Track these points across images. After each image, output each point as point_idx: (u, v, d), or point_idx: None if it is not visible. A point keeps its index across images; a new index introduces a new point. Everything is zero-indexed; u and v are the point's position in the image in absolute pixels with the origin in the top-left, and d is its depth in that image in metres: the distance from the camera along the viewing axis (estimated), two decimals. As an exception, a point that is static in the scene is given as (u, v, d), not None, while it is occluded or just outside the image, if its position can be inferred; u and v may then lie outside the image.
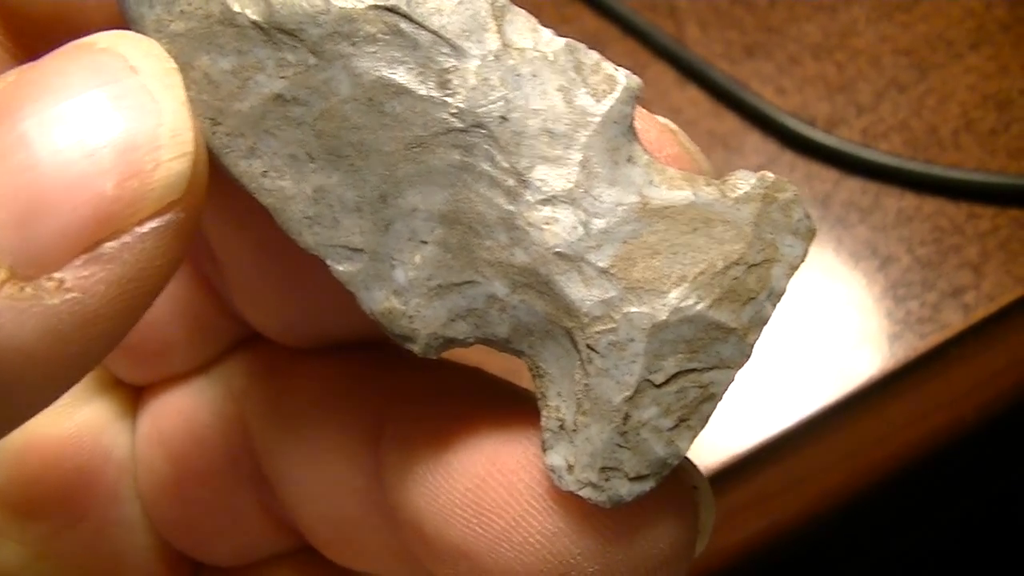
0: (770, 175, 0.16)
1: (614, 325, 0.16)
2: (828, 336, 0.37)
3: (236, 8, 0.16)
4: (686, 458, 0.17)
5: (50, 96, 0.14)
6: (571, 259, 0.16)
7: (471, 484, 0.18)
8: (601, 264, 0.16)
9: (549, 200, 0.16)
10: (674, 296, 0.16)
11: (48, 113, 0.13)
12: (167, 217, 0.14)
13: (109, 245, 0.13)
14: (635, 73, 0.16)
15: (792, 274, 0.17)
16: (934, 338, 0.36)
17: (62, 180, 0.13)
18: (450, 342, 0.17)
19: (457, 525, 0.18)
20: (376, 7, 0.16)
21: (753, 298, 0.16)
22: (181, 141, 0.14)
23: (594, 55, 0.16)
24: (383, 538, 0.20)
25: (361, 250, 0.17)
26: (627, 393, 0.16)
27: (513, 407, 0.18)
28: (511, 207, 0.16)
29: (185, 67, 0.16)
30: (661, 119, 0.19)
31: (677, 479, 0.17)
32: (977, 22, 0.42)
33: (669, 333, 0.16)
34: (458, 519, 0.18)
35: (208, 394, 0.22)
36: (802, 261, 0.17)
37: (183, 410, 0.22)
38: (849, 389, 0.36)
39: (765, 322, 0.17)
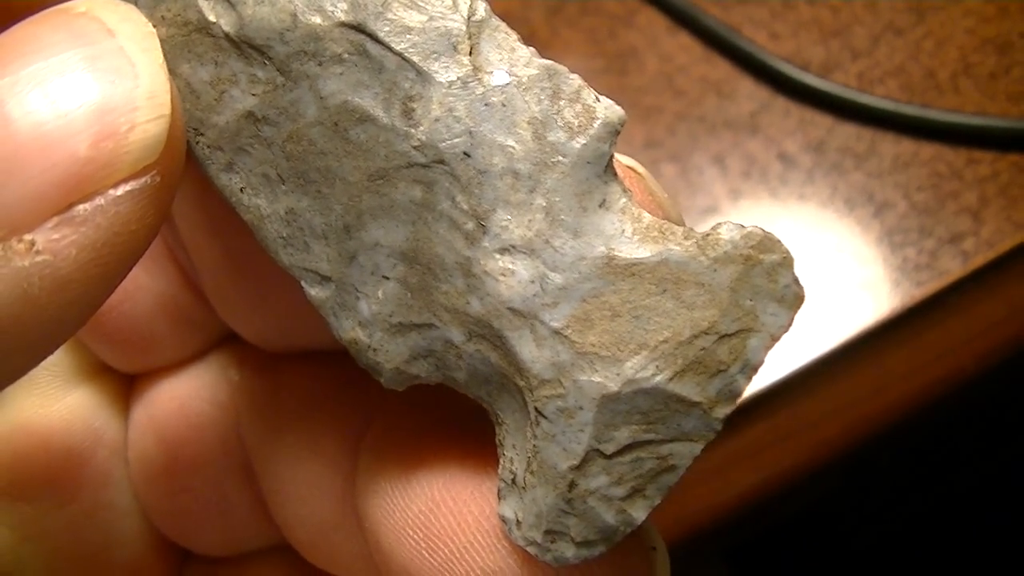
0: (758, 232, 0.15)
1: (563, 391, 0.15)
2: (822, 284, 0.36)
3: (211, 18, 0.15)
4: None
5: (24, 58, 0.13)
6: (524, 316, 0.15)
7: (425, 507, 0.17)
8: (555, 324, 0.15)
9: (507, 249, 0.15)
10: (630, 366, 0.15)
11: (22, 74, 0.13)
12: (142, 180, 0.14)
13: (82, 207, 0.13)
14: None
15: (772, 346, 0.15)
16: (932, 286, 0.36)
17: (35, 141, 0.13)
18: (414, 377, 0.16)
19: (408, 545, 0.17)
20: (342, 25, 0.15)
21: (723, 371, 0.15)
22: (158, 103, 0.14)
23: (575, 81, 0.15)
24: (357, 545, 0.19)
25: (329, 277, 0.16)
26: (573, 462, 0.15)
27: (485, 434, 0.17)
28: (469, 253, 0.15)
29: (171, 74, 0.15)
30: (626, 160, 0.18)
31: (635, 538, 0.17)
32: (976, -37, 0.41)
33: (622, 404, 0.15)
34: (409, 540, 0.17)
35: (203, 382, 0.21)
36: (786, 331, 0.15)
37: (177, 397, 0.21)
38: (844, 339, 0.35)
39: (737, 396, 0.15)
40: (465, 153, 0.15)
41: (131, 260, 0.14)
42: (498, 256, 0.15)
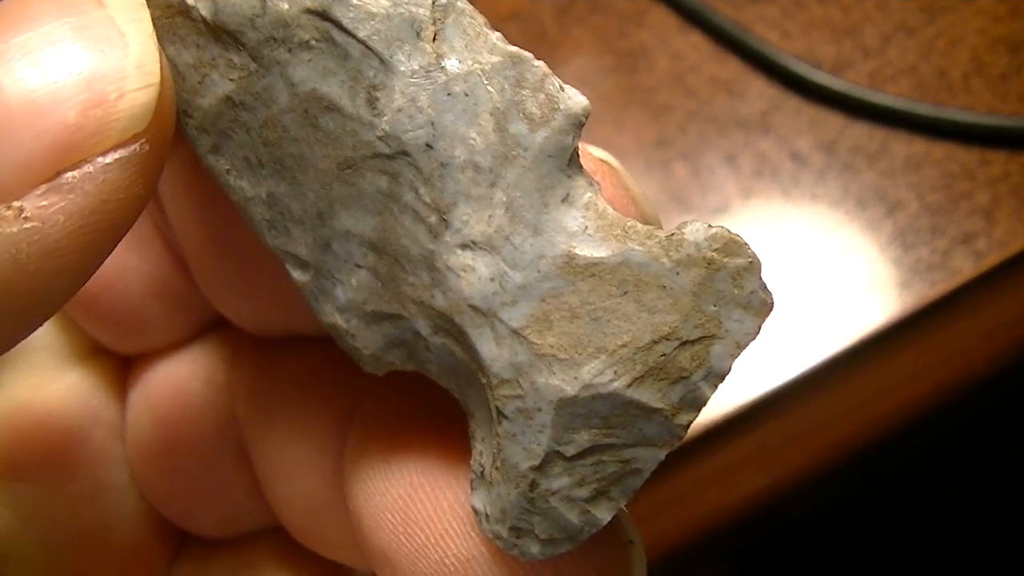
0: (724, 233, 0.14)
1: (522, 392, 0.15)
2: (834, 285, 0.36)
3: (190, 1, 0.15)
4: (623, 510, 0.16)
5: (14, 28, 0.13)
6: (484, 314, 0.15)
7: (404, 492, 0.17)
8: (514, 324, 0.14)
9: (468, 245, 0.14)
10: (587, 370, 0.14)
11: (12, 43, 0.13)
12: (131, 148, 0.14)
13: (70, 175, 0.13)
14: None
15: (738, 354, 0.14)
16: (944, 286, 0.35)
17: (23, 108, 0.13)
18: (391, 364, 0.16)
19: (386, 529, 0.17)
20: (308, 11, 0.14)
21: (685, 378, 0.14)
22: (147, 72, 0.14)
23: (540, 69, 0.14)
24: (345, 526, 0.19)
25: (308, 262, 0.16)
26: (534, 462, 0.15)
27: (466, 423, 0.17)
28: (432, 246, 0.15)
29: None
30: (598, 153, 0.17)
31: (612, 531, 0.16)
32: (989, -37, 0.41)
33: (580, 408, 0.14)
34: (387, 523, 0.17)
35: (198, 363, 0.21)
36: (752, 339, 0.14)
37: (173, 379, 0.21)
38: (855, 339, 0.35)
39: (701, 404, 0.14)
40: (427, 144, 0.14)
41: (120, 229, 0.14)
42: (459, 251, 0.14)
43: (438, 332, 0.15)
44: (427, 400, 0.18)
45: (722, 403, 0.35)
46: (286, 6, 0.14)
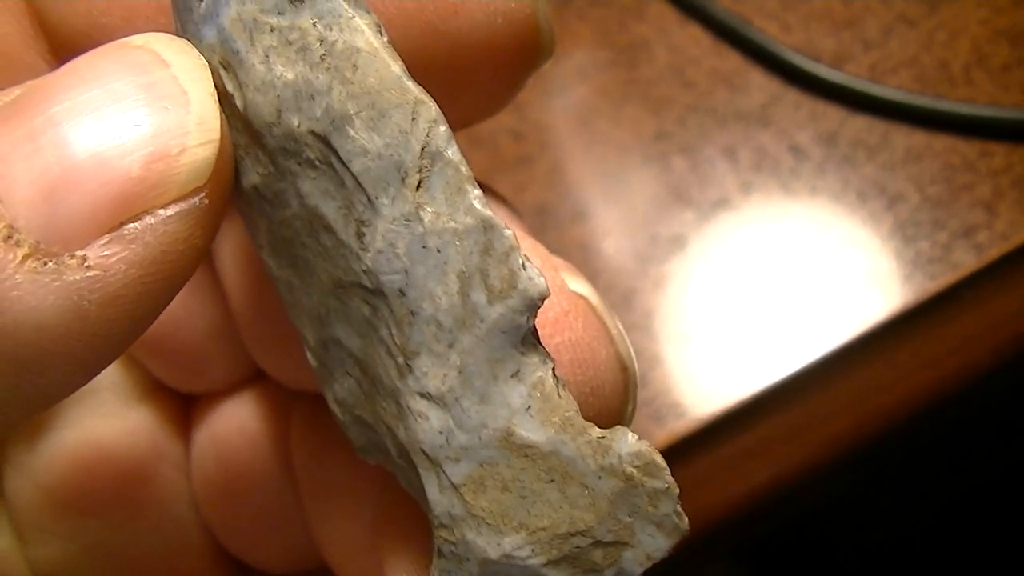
0: (647, 453, 0.15)
1: (455, 540, 0.15)
2: (834, 278, 0.36)
3: (229, 88, 0.15)
4: None
5: (82, 84, 0.14)
6: (432, 461, 0.15)
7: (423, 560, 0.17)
8: (454, 479, 0.15)
9: (425, 395, 0.15)
10: (508, 542, 0.15)
11: (79, 100, 0.14)
12: (191, 201, 0.14)
13: (132, 226, 0.14)
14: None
15: (648, 564, 0.15)
16: (945, 279, 0.35)
17: (89, 160, 0.13)
18: (376, 460, 0.17)
19: None
20: (312, 133, 0.14)
21: (597, 571, 0.15)
22: (208, 129, 0.14)
23: (508, 240, 0.14)
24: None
25: (314, 352, 0.16)
26: None
27: None
28: (399, 384, 0.15)
29: None
30: (578, 286, 0.17)
31: None
32: (990, -47, 0.40)
33: (501, 570, 0.15)
34: None
35: (260, 403, 0.22)
36: (664, 554, 0.15)
37: (236, 418, 0.22)
38: (856, 333, 0.35)
39: None
40: (401, 291, 0.14)
41: (179, 279, 0.15)
42: (419, 398, 0.15)
43: (401, 457, 0.16)
44: None
45: (724, 397, 0.34)
46: (296, 123, 0.14)
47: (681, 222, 0.37)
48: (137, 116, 0.14)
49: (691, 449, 0.34)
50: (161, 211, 0.14)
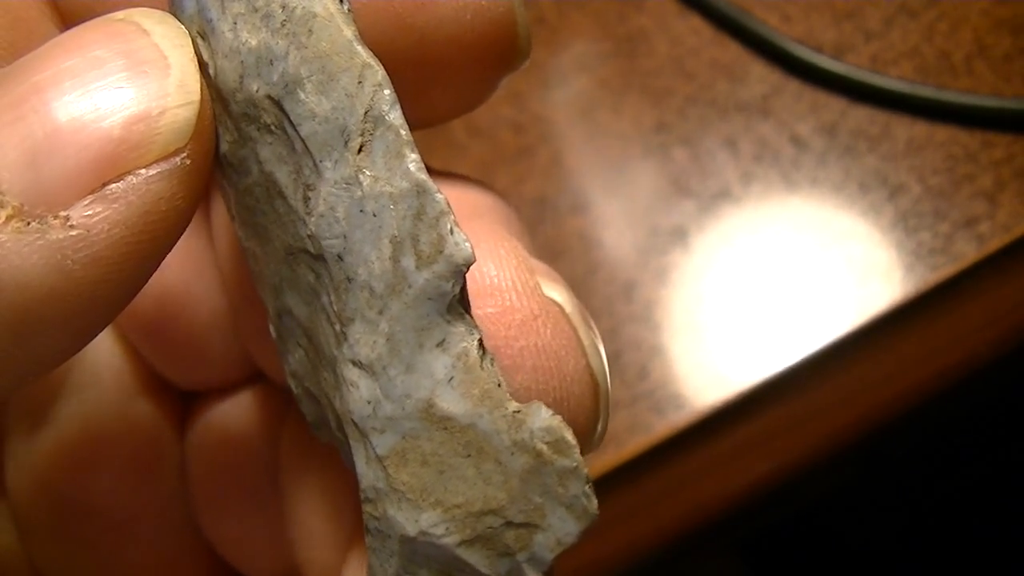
0: (558, 429, 0.14)
1: (378, 515, 0.15)
2: (835, 269, 0.35)
3: (205, 57, 0.15)
4: None
5: (64, 54, 0.14)
6: (360, 432, 0.15)
7: None
8: (379, 451, 0.15)
9: (356, 363, 0.15)
10: (425, 518, 0.15)
11: (62, 67, 0.14)
12: (173, 162, 0.14)
13: (115, 186, 0.14)
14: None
15: (560, 550, 0.15)
16: (947, 270, 0.35)
17: (71, 123, 0.14)
18: (326, 436, 0.16)
19: None
20: (269, 97, 0.15)
21: (510, 554, 0.15)
22: (188, 91, 0.14)
23: (439, 205, 0.14)
24: None
25: (273, 323, 0.16)
26: None
27: None
28: (336, 352, 0.15)
29: None
30: (553, 293, 0.17)
31: None
32: (991, -56, 0.40)
33: (419, 548, 0.15)
34: None
35: (252, 408, 0.22)
36: (574, 541, 0.15)
37: (230, 420, 0.22)
38: (857, 324, 0.35)
39: None
40: (339, 256, 0.14)
41: (164, 241, 0.15)
42: (351, 366, 0.15)
43: (339, 430, 0.16)
44: None
45: (724, 388, 0.34)
46: (255, 87, 0.15)
47: (681, 213, 0.37)
48: (117, 80, 0.14)
49: (691, 441, 0.34)
50: (143, 171, 0.14)
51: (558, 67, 0.40)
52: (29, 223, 0.13)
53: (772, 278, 0.36)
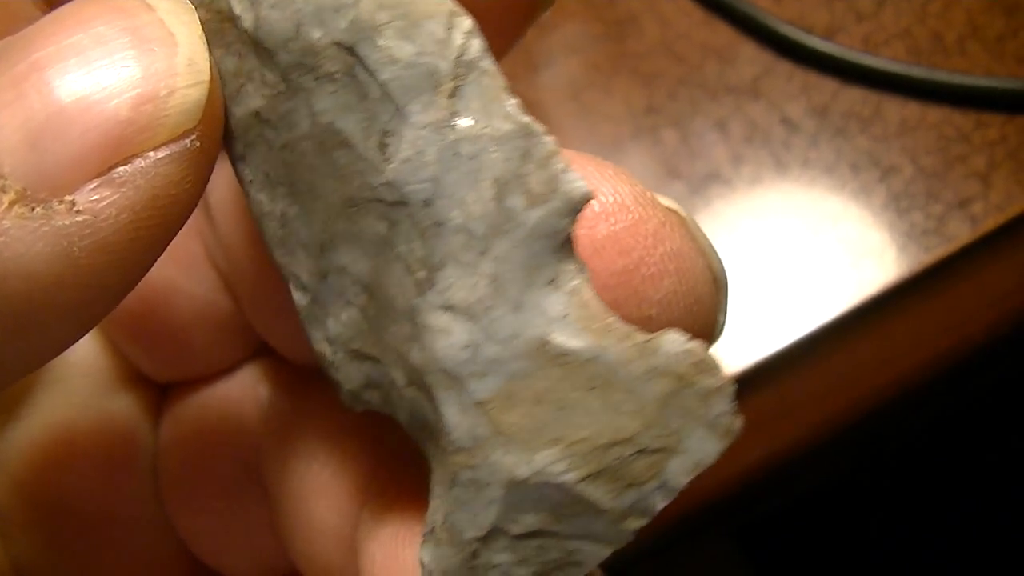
0: (699, 351, 0.14)
1: (476, 463, 0.14)
2: (827, 251, 0.35)
3: (237, 11, 0.15)
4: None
5: (65, 30, 0.14)
6: (454, 379, 0.14)
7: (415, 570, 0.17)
8: (479, 396, 0.14)
9: (449, 308, 0.14)
10: (540, 457, 0.14)
11: (63, 43, 0.13)
12: (182, 144, 0.14)
13: (122, 169, 0.13)
14: None
15: (694, 473, 0.14)
16: (940, 251, 0.35)
17: (75, 104, 0.13)
18: (367, 403, 0.16)
19: None
20: (337, 44, 0.14)
21: (638, 485, 0.14)
22: (197, 70, 0.14)
23: (548, 145, 0.14)
24: None
25: (307, 288, 0.16)
26: (478, 533, 0.14)
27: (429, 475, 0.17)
28: (416, 301, 0.14)
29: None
30: (667, 202, 0.17)
31: None
32: (984, -77, 0.40)
33: (529, 492, 0.14)
34: None
35: (229, 399, 0.21)
36: (712, 461, 0.14)
37: (203, 413, 0.21)
38: (849, 306, 0.35)
39: (651, 514, 0.14)
40: (426, 201, 0.14)
41: (171, 226, 0.14)
42: (440, 312, 0.14)
43: (411, 385, 0.15)
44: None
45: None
46: (317, 35, 0.14)
47: (671, 196, 0.36)
48: (123, 58, 0.13)
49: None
50: (152, 154, 0.13)
51: (548, 50, 0.39)
52: (33, 208, 0.13)
53: (763, 261, 0.35)
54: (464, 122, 0.14)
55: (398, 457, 0.19)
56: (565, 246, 0.14)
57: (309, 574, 0.20)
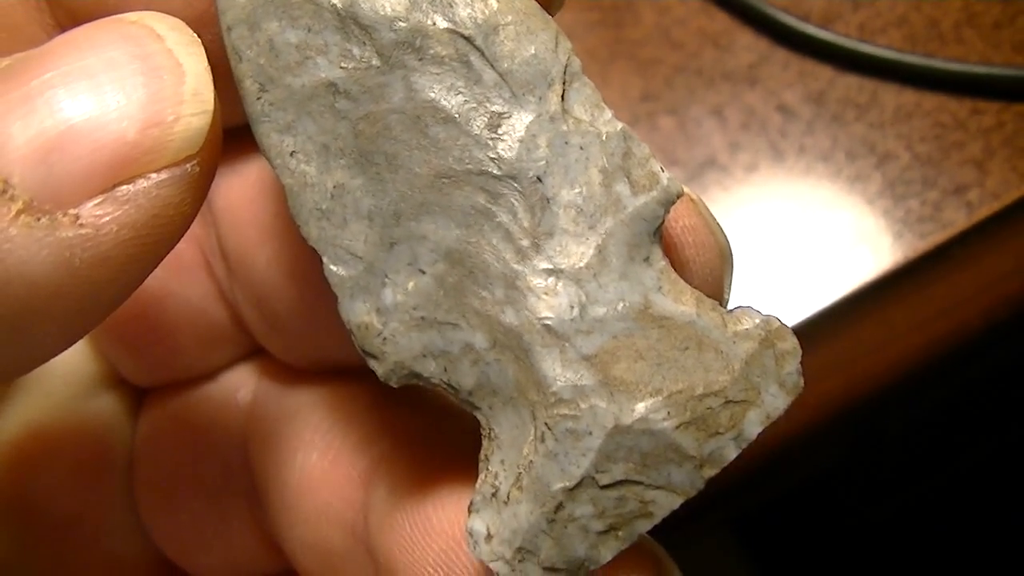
0: (776, 321, 0.16)
1: (577, 413, 0.16)
2: (823, 238, 0.35)
3: None
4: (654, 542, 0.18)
5: (77, 52, 0.14)
6: (558, 336, 0.16)
7: (446, 545, 0.18)
8: (585, 351, 0.16)
9: (556, 272, 0.16)
10: (643, 405, 0.16)
11: (75, 65, 0.14)
12: (184, 168, 0.14)
13: (126, 188, 0.14)
14: None
15: (766, 423, 0.16)
16: (936, 238, 0.35)
17: (86, 123, 0.14)
18: (414, 376, 0.17)
19: None
20: (452, 31, 0.16)
21: (720, 433, 0.16)
22: (202, 100, 0.15)
23: (645, 149, 0.16)
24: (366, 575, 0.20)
25: (360, 258, 0.17)
26: (568, 483, 0.16)
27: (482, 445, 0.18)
28: (517, 266, 0.16)
29: (253, 27, 0.16)
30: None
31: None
32: (980, -90, 0.40)
33: (628, 439, 0.16)
34: None
35: (211, 403, 0.22)
36: (780, 414, 0.16)
37: (183, 416, 0.22)
38: (845, 292, 0.35)
39: (724, 463, 0.16)
40: (538, 178, 0.16)
41: (166, 245, 0.15)
42: (545, 276, 0.16)
43: (496, 347, 0.16)
44: (454, 446, 0.19)
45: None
46: (429, 20, 0.16)
47: (668, 183, 0.37)
48: (133, 83, 0.14)
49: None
50: (154, 175, 0.14)
51: (544, 38, 0.39)
52: (39, 219, 0.13)
53: (759, 247, 0.35)
54: (573, 119, 0.16)
55: (408, 443, 0.19)
56: (658, 232, 0.16)
57: (308, 560, 0.20)
